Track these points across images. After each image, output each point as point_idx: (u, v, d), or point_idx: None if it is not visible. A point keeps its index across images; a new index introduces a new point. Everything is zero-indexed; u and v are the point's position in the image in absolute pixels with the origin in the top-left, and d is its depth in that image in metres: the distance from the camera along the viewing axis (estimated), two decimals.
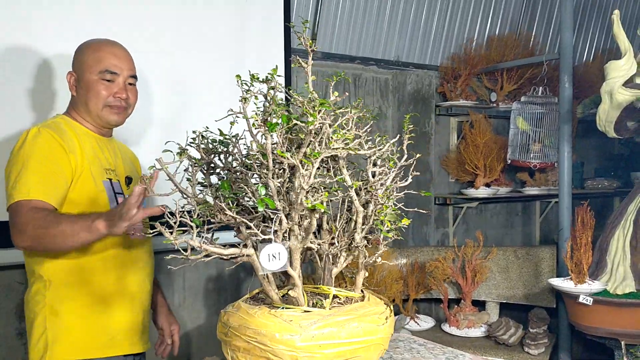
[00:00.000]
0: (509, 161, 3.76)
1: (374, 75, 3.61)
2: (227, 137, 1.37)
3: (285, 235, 1.24)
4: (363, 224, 1.31)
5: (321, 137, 1.19)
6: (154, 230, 1.21)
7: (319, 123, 1.17)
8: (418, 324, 3.32)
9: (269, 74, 1.24)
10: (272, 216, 1.21)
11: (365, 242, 1.34)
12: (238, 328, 1.26)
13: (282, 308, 1.28)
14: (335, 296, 1.35)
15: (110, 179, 1.75)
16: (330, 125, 1.21)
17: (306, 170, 1.16)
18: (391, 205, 1.31)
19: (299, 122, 1.18)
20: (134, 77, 1.79)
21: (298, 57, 1.29)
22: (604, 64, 2.50)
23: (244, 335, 1.23)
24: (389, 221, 1.27)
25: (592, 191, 4.10)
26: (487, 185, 3.81)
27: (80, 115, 1.76)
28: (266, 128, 1.16)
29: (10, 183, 1.59)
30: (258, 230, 1.21)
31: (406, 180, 1.38)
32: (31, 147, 1.60)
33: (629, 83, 2.44)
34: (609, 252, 2.60)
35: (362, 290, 1.43)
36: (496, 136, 3.86)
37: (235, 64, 2.79)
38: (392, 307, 1.37)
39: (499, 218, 4.28)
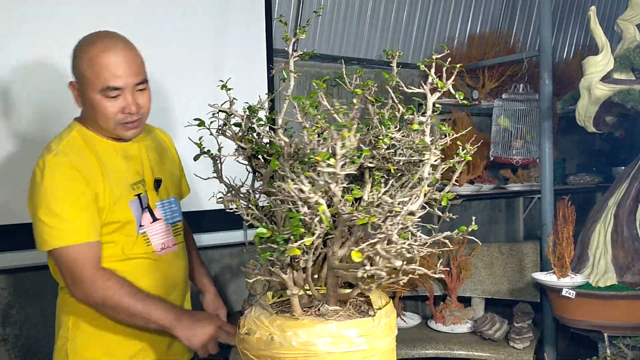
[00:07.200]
0: (492, 158, 3.79)
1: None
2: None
3: None
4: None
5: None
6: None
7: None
8: (405, 321, 3.33)
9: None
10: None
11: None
12: None
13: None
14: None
15: (139, 194, 1.62)
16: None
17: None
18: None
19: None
20: (142, 82, 1.58)
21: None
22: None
23: None
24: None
25: (574, 187, 4.14)
26: (471, 182, 3.83)
27: (93, 126, 1.61)
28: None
29: (39, 225, 1.48)
30: None
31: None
32: (51, 184, 1.48)
33: (606, 78, 2.47)
34: (590, 245, 2.63)
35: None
36: (479, 133, 3.88)
37: (215, 66, 2.77)
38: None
39: (483, 215, 4.31)
